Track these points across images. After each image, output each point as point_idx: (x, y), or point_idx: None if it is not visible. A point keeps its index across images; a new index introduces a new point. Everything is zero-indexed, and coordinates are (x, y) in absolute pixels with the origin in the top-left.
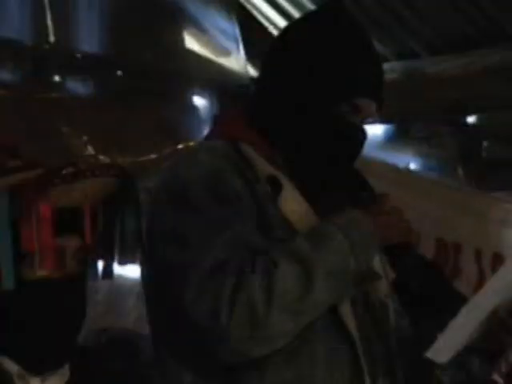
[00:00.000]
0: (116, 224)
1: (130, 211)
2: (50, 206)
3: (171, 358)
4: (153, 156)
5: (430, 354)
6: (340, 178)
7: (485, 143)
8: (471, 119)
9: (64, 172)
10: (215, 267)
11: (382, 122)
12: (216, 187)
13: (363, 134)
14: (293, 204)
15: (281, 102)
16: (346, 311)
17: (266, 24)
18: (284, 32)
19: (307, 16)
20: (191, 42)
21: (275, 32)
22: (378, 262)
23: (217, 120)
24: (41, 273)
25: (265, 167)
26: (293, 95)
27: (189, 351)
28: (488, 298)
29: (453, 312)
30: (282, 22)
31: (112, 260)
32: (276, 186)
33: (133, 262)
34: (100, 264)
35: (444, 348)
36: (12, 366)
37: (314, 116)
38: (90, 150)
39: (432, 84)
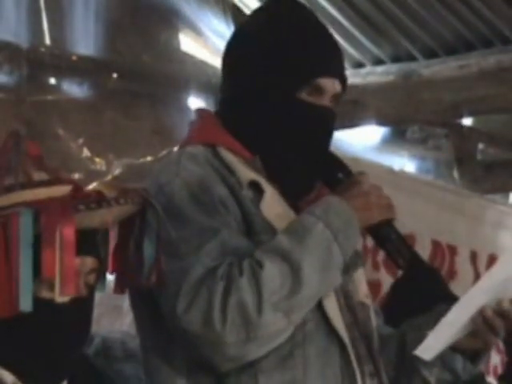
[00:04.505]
0: (131, 244)
1: (149, 238)
2: (74, 230)
3: (164, 365)
4: (149, 158)
5: (419, 352)
6: (315, 164)
7: (480, 145)
8: (467, 121)
9: (89, 198)
10: (205, 275)
11: (377, 124)
12: (201, 196)
13: (331, 113)
14: (276, 208)
15: (243, 97)
16: (335, 313)
17: None
18: (239, 26)
19: (260, 7)
20: (187, 45)
21: None
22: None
23: (193, 124)
24: (61, 299)
25: (245, 172)
26: (253, 86)
27: (183, 359)
28: (477, 297)
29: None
30: None
31: (125, 275)
32: (258, 191)
33: (148, 285)
34: (111, 277)
35: (432, 345)
36: (7, 377)
37: (278, 104)
38: (86, 152)
39: (428, 86)
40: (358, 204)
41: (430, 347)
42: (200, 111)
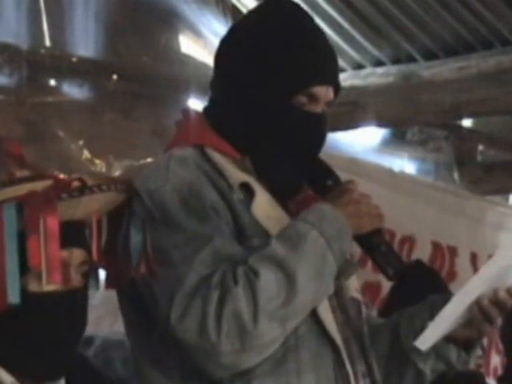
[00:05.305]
0: (120, 236)
1: (135, 227)
2: (57, 219)
3: (157, 373)
4: (149, 160)
5: (418, 343)
6: (305, 167)
7: (480, 147)
8: (467, 123)
9: (71, 187)
10: (199, 284)
11: (377, 125)
12: (192, 202)
13: (324, 120)
14: (267, 209)
15: (235, 98)
16: (327, 315)
17: None
18: (233, 25)
19: (252, 12)
20: (187, 46)
21: None
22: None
23: (180, 125)
24: (48, 288)
25: (235, 174)
26: (245, 89)
27: (176, 367)
28: (475, 287)
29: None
30: None
31: (115, 270)
32: (249, 193)
33: (137, 276)
34: (102, 274)
35: (430, 336)
36: (6, 377)
37: (271, 108)
38: (86, 153)
39: (427, 88)
40: (349, 212)
41: (428, 338)
42: (186, 111)
